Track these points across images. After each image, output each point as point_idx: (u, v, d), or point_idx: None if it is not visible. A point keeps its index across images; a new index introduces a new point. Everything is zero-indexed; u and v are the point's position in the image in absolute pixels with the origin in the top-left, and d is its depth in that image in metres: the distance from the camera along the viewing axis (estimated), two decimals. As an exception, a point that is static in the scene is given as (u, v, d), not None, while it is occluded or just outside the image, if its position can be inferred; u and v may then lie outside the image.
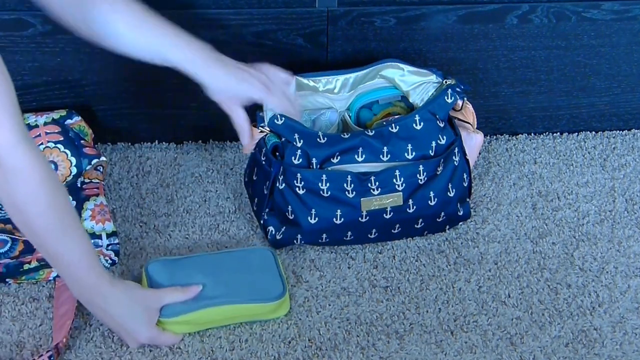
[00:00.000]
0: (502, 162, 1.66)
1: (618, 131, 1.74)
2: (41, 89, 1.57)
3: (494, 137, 1.72)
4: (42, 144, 1.47)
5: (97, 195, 1.45)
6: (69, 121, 1.52)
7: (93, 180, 1.47)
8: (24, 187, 1.13)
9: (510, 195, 1.59)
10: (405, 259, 1.46)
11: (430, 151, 1.43)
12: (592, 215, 1.55)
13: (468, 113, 1.52)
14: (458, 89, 1.47)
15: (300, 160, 1.39)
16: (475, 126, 1.54)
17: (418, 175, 1.42)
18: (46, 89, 1.57)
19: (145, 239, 1.48)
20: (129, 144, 1.65)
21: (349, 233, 1.43)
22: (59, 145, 1.47)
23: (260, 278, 1.35)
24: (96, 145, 1.55)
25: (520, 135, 1.72)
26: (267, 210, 1.44)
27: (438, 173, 1.44)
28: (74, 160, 1.47)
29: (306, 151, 1.39)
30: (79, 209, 1.42)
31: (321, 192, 1.40)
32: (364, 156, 1.41)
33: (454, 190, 1.45)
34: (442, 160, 1.43)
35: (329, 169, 1.40)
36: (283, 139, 1.40)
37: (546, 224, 1.53)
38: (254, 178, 1.48)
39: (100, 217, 1.41)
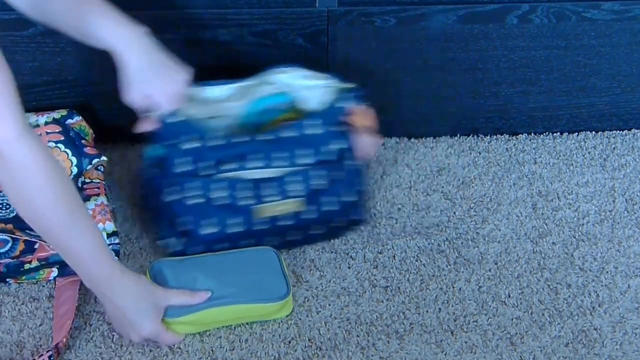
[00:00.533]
0: (502, 162, 1.66)
1: (618, 131, 1.74)
2: (41, 89, 1.57)
3: (494, 137, 1.72)
4: None
5: (98, 195, 1.45)
6: (69, 121, 1.52)
7: (94, 180, 1.47)
8: (32, 181, 1.13)
9: (510, 195, 1.59)
10: (405, 259, 1.46)
11: (324, 156, 1.40)
12: (592, 215, 1.55)
13: (366, 117, 1.48)
14: (354, 94, 1.44)
15: (188, 167, 1.35)
16: (373, 130, 1.49)
17: (312, 181, 1.39)
18: (46, 89, 1.57)
19: (145, 239, 1.48)
20: (129, 143, 1.65)
21: (244, 242, 1.40)
22: (60, 145, 1.47)
23: (264, 278, 1.35)
24: (97, 145, 1.55)
25: (520, 135, 1.72)
26: (160, 223, 1.41)
27: (332, 178, 1.41)
28: (74, 160, 1.47)
29: (194, 155, 1.34)
30: None
31: (213, 202, 1.36)
32: (256, 163, 1.37)
33: (349, 195, 1.44)
34: (336, 165, 1.41)
35: (221, 176, 1.36)
36: (163, 148, 1.35)
37: (546, 224, 1.53)
38: (145, 192, 1.44)
39: (101, 217, 1.41)
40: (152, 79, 1.33)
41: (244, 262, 1.37)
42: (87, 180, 1.46)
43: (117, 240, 1.41)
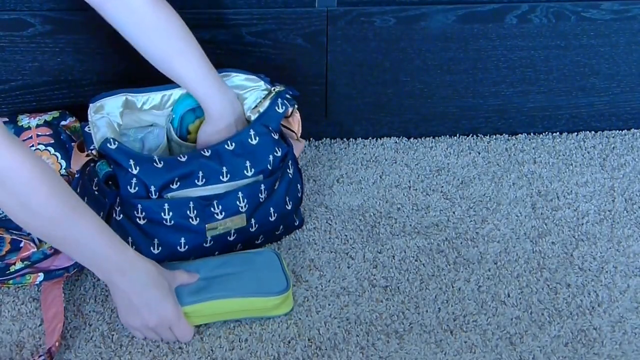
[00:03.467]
0: (501, 161, 1.66)
1: (617, 131, 1.74)
2: (41, 89, 1.57)
3: (494, 136, 1.72)
4: (32, 145, 1.47)
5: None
6: (63, 122, 1.52)
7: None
8: (20, 182, 1.14)
9: (509, 195, 1.59)
10: (405, 259, 1.46)
11: (269, 165, 1.40)
12: (592, 214, 1.56)
13: (294, 121, 1.48)
14: (288, 96, 1.44)
15: (137, 189, 1.33)
16: (300, 134, 1.49)
17: (260, 194, 1.39)
18: (46, 89, 1.58)
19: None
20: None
21: (192, 258, 1.39)
22: (50, 148, 1.48)
23: (264, 275, 1.35)
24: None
25: (519, 134, 1.72)
26: None
27: (276, 188, 1.41)
28: (63, 163, 1.48)
29: (142, 179, 1.33)
30: None
31: (164, 222, 1.34)
32: (204, 180, 1.36)
33: (290, 202, 1.44)
34: (275, 176, 1.40)
35: (169, 196, 1.35)
36: (113, 167, 1.34)
37: (545, 224, 1.53)
38: (95, 210, 1.39)
39: None
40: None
41: (244, 262, 1.37)
42: (65, 174, 1.47)
43: None
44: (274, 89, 1.44)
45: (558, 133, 1.73)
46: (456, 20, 1.56)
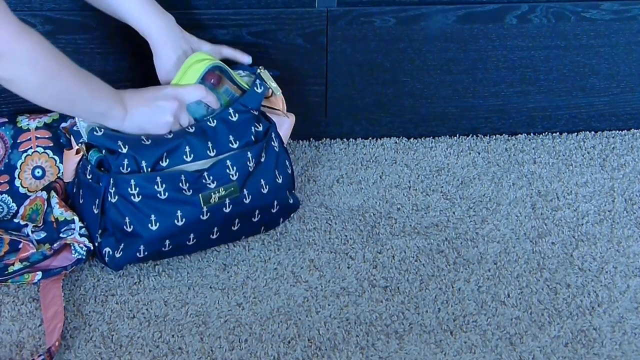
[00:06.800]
0: (501, 162, 1.66)
1: (617, 131, 1.74)
2: (41, 89, 1.57)
3: (493, 136, 1.72)
4: (31, 147, 1.47)
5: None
6: (63, 124, 1.52)
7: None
8: (36, 74, 1.25)
9: (509, 195, 1.59)
10: (405, 259, 1.46)
11: (252, 136, 1.43)
12: (592, 215, 1.56)
13: (277, 100, 1.50)
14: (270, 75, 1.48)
15: (129, 168, 1.36)
16: (285, 111, 1.52)
17: (248, 162, 1.41)
18: (46, 89, 1.57)
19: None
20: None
21: (192, 236, 1.40)
22: (48, 151, 1.48)
23: None
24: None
25: (519, 135, 1.72)
26: (99, 231, 1.39)
27: (262, 160, 1.43)
28: (62, 167, 1.48)
29: (133, 156, 1.36)
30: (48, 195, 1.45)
31: (158, 195, 1.36)
32: (192, 156, 1.39)
33: (281, 176, 1.45)
34: (264, 145, 1.43)
35: (162, 172, 1.37)
36: (105, 151, 1.36)
37: (545, 224, 1.53)
38: (80, 202, 1.42)
39: (66, 207, 1.42)
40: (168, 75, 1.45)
41: None
42: (61, 178, 1.47)
43: (80, 225, 1.40)
44: (258, 70, 1.48)
45: (558, 133, 1.73)
46: (456, 21, 1.56)
